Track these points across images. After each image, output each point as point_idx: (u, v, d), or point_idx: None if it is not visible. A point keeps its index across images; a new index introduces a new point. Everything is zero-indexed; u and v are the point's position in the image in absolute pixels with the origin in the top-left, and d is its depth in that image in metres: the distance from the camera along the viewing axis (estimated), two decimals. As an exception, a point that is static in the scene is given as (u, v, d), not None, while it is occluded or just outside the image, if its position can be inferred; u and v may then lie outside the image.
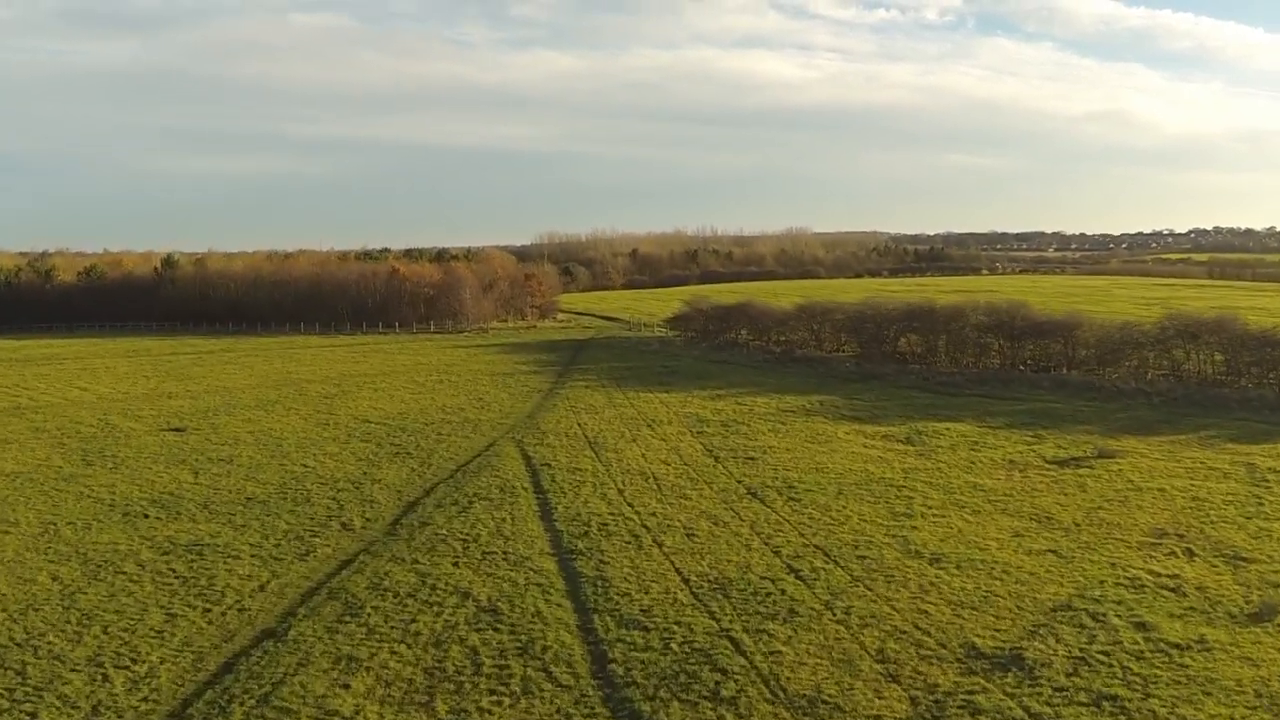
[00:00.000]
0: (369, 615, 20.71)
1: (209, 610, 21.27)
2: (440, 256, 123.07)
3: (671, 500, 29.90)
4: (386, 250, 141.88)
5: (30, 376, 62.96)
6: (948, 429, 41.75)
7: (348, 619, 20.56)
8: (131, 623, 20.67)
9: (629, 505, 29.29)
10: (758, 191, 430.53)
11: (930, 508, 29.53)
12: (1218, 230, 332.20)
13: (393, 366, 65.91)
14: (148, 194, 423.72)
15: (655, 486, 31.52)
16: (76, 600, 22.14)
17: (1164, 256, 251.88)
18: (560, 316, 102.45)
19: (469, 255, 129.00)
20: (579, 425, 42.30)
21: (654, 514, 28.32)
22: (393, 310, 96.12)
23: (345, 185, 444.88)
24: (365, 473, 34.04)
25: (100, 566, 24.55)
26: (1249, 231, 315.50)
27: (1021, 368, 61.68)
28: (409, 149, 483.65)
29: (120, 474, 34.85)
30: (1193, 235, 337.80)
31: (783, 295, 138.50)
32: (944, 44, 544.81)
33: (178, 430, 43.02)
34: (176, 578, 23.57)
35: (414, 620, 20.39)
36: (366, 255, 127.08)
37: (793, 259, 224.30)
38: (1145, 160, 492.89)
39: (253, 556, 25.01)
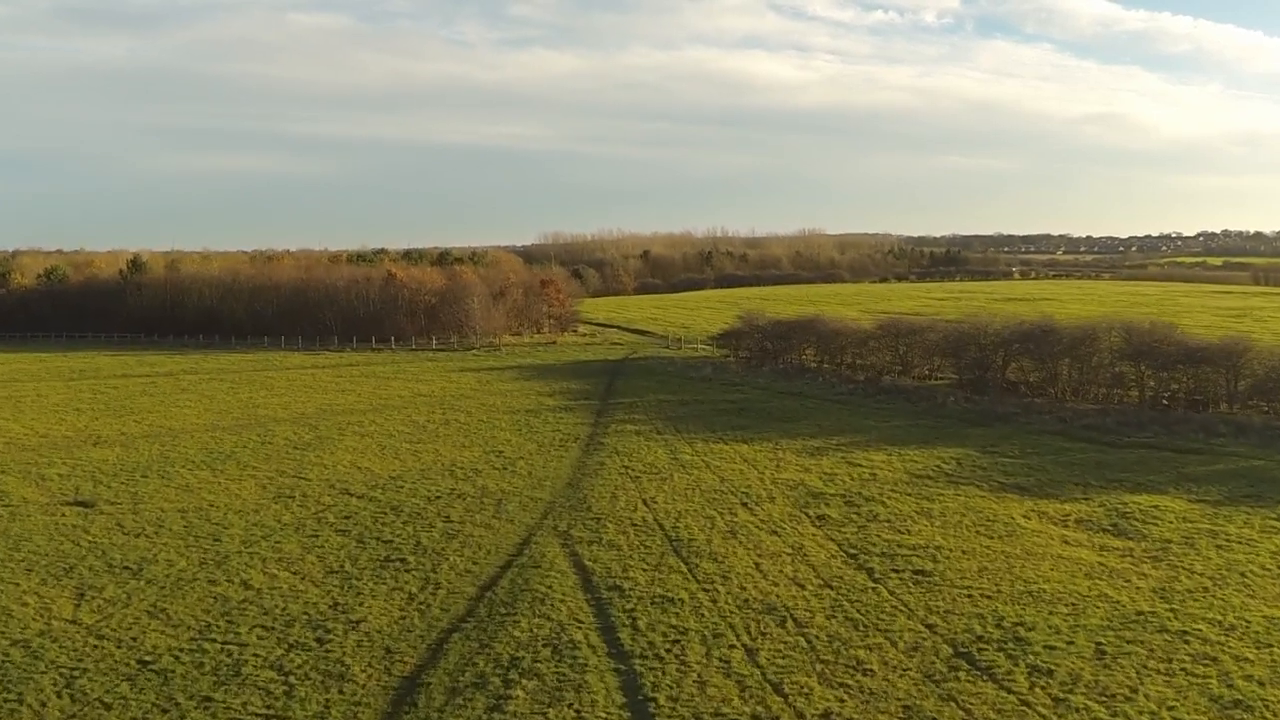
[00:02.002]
0: None
1: None
2: (442, 259, 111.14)
3: (843, 676, 18.16)
4: (383, 251, 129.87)
5: (-63, 408, 51.34)
6: (1156, 508, 30.16)
7: None
8: None
9: (776, 691, 17.57)
10: (759, 193, 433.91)
11: (1259, 684, 18.03)
12: (1226, 234, 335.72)
13: (386, 398, 54.14)
14: (142, 192, 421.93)
15: (804, 643, 19.75)
16: None
17: (1178, 260, 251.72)
18: (581, 329, 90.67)
19: (475, 258, 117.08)
20: (644, 503, 30.56)
21: (828, 718, 16.59)
22: (388, 321, 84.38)
23: (342, 185, 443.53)
24: (335, 603, 22.22)
25: None
26: (1258, 235, 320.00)
27: (1165, 402, 50.27)
28: (407, 148, 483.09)
29: (-32, 595, 23.14)
30: (1201, 238, 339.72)
31: (821, 303, 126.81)
32: (942, 46, 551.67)
33: (84, 505, 31.30)
34: None
35: None
36: (360, 257, 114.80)
37: (809, 261, 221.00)
38: (1144, 163, 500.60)
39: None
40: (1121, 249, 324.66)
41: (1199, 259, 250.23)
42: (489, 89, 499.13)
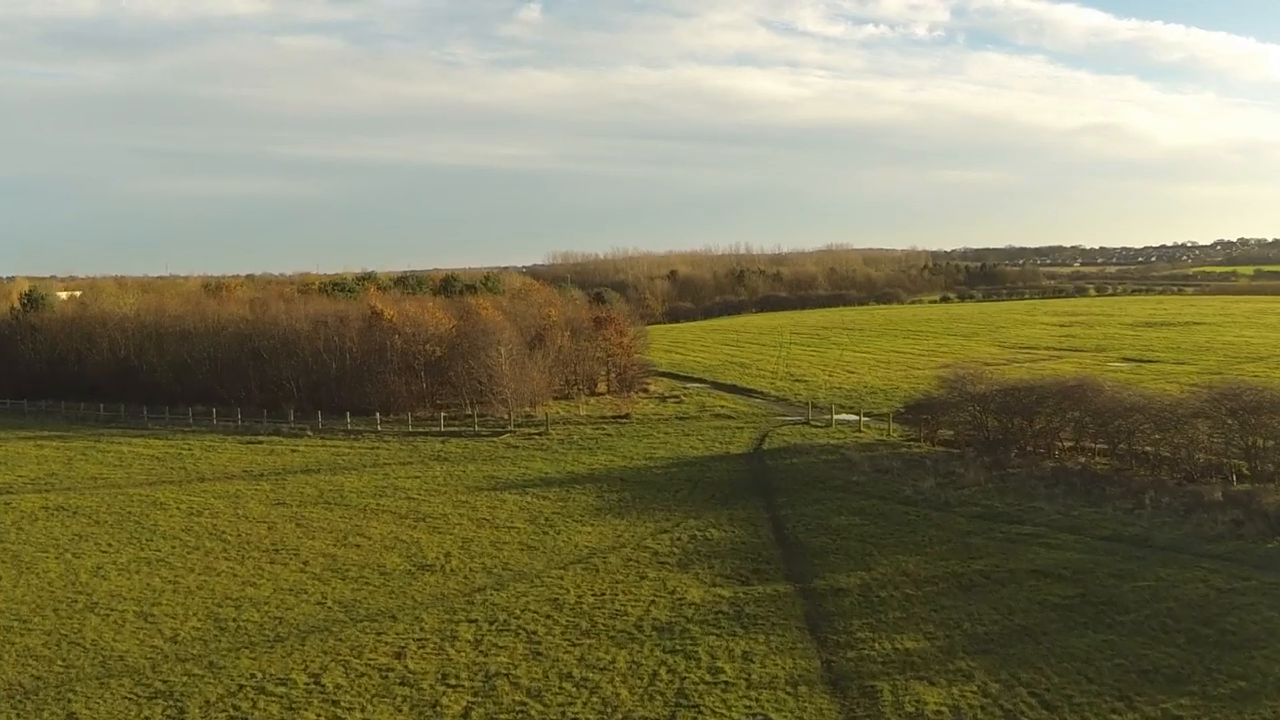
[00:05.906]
0: None
1: None
2: (448, 287, 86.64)
3: None
4: (369, 277, 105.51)
5: None
6: None
7: None
8: None
9: None
10: (762, 207, 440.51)
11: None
12: (1244, 242, 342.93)
13: (355, 579, 29.52)
14: (131, 217, 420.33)
15: None
16: None
17: (1205, 269, 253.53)
18: (651, 385, 66.02)
19: (490, 283, 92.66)
20: None
21: None
22: (372, 383, 59.90)
23: (335, 209, 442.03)
24: None
25: None
26: (1277, 243, 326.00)
27: None
28: (400, 171, 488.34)
29: None
30: (1219, 247, 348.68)
31: (926, 334, 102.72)
32: (934, 59, 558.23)
33: None
34: None
35: None
36: (336, 286, 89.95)
37: (845, 279, 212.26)
38: (1143, 173, 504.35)
39: None
40: (1142, 260, 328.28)
41: (1227, 268, 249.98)
42: (481, 109, 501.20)
